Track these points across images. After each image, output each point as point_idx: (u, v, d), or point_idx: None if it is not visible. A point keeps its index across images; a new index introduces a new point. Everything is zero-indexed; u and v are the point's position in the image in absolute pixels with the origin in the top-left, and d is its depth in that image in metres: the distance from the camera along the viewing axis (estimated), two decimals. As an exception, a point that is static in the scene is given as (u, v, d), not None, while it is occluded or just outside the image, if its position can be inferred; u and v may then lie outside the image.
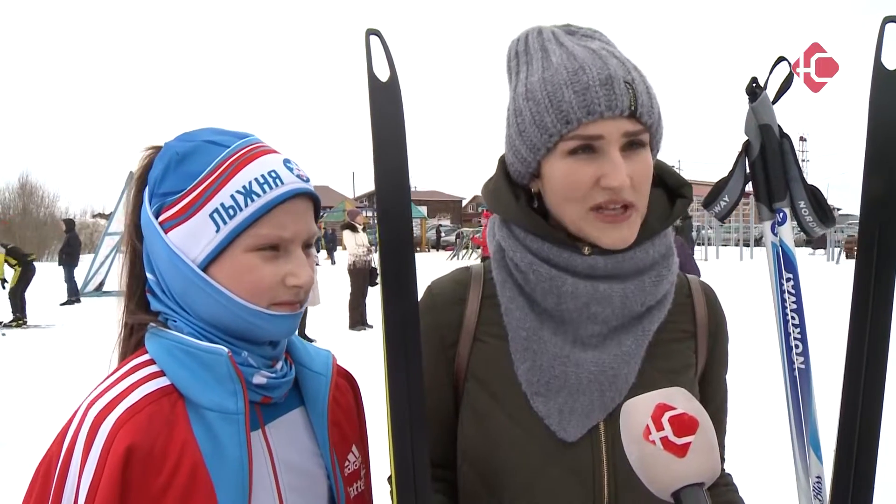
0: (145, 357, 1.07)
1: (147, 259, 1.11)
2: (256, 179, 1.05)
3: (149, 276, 1.11)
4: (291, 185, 1.08)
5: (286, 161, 1.11)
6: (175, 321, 1.08)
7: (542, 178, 1.18)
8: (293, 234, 1.08)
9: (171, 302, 1.09)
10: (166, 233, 1.07)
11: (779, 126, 1.19)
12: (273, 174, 1.06)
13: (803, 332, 1.20)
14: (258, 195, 1.05)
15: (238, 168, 1.06)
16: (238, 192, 1.04)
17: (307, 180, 1.12)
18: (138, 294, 1.15)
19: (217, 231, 1.05)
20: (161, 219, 1.08)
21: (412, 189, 1.11)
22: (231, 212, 1.04)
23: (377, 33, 0.98)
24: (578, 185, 1.10)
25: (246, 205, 1.04)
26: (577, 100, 1.07)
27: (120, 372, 1.06)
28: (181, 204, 1.07)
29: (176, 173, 1.08)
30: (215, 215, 1.04)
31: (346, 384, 1.31)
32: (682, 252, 8.06)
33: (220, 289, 1.05)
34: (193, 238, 1.06)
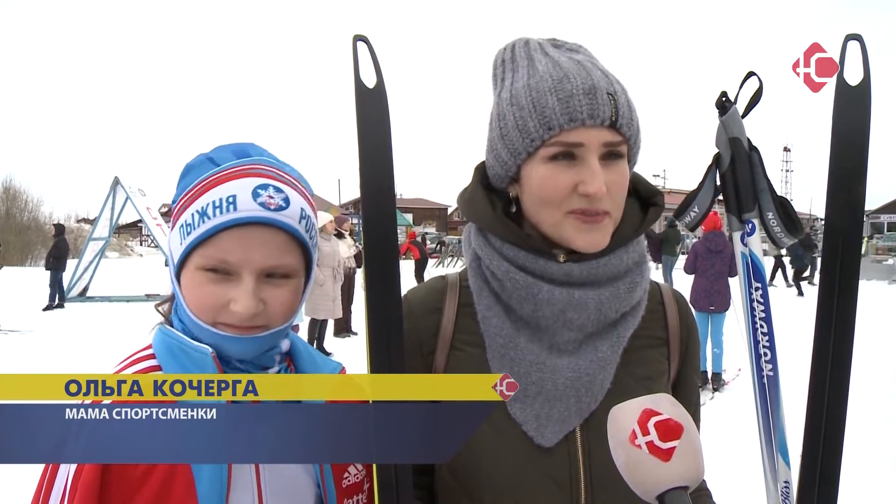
0: (148, 351, 1.15)
1: None
2: (213, 202, 1.08)
3: None
4: (243, 214, 1.07)
5: (261, 187, 1.10)
6: (174, 318, 1.17)
7: (520, 182, 1.20)
8: (240, 260, 1.08)
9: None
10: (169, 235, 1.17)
11: (748, 139, 1.21)
12: (230, 199, 1.08)
13: (772, 340, 1.22)
14: (208, 218, 1.08)
15: (206, 189, 1.11)
16: (197, 212, 1.09)
17: (278, 209, 1.09)
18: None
19: (180, 244, 1.11)
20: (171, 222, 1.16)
21: (398, 196, 1.12)
22: (188, 229, 1.10)
23: (364, 40, 0.99)
24: (556, 190, 1.13)
25: (198, 225, 1.09)
26: (560, 107, 1.10)
27: (125, 362, 1.14)
28: (174, 212, 1.15)
29: (180, 183, 1.17)
30: (181, 230, 1.12)
31: None
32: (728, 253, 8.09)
33: (178, 294, 1.13)
34: (173, 245, 1.14)
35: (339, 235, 12.11)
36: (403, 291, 1.12)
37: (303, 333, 9.72)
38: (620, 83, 1.16)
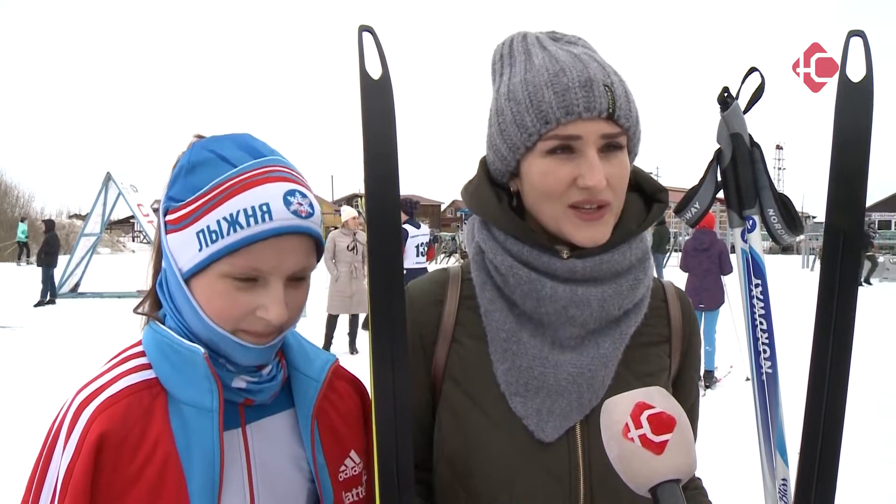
0: (138, 349, 1.13)
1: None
2: (245, 210, 1.04)
3: (163, 266, 1.15)
4: (280, 223, 1.05)
5: (290, 192, 1.07)
6: (167, 317, 1.13)
7: (520, 176, 1.20)
8: (272, 268, 1.06)
9: (168, 298, 1.12)
10: (166, 234, 1.10)
11: (749, 135, 1.21)
12: (264, 208, 1.04)
13: (771, 338, 1.22)
14: (241, 227, 1.03)
15: (233, 194, 1.05)
16: (224, 218, 1.04)
17: (308, 216, 1.09)
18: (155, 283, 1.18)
19: (199, 251, 1.06)
20: (166, 219, 1.11)
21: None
22: (213, 237, 1.04)
23: (370, 30, 0.98)
24: (556, 183, 1.12)
25: (227, 234, 1.04)
26: (556, 100, 1.10)
27: (113, 361, 1.11)
28: (180, 213, 1.08)
29: (183, 181, 1.09)
30: (200, 235, 1.05)
31: (350, 389, 1.31)
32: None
33: (193, 303, 1.07)
34: (182, 249, 1.08)
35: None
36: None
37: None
38: (618, 74, 1.16)
